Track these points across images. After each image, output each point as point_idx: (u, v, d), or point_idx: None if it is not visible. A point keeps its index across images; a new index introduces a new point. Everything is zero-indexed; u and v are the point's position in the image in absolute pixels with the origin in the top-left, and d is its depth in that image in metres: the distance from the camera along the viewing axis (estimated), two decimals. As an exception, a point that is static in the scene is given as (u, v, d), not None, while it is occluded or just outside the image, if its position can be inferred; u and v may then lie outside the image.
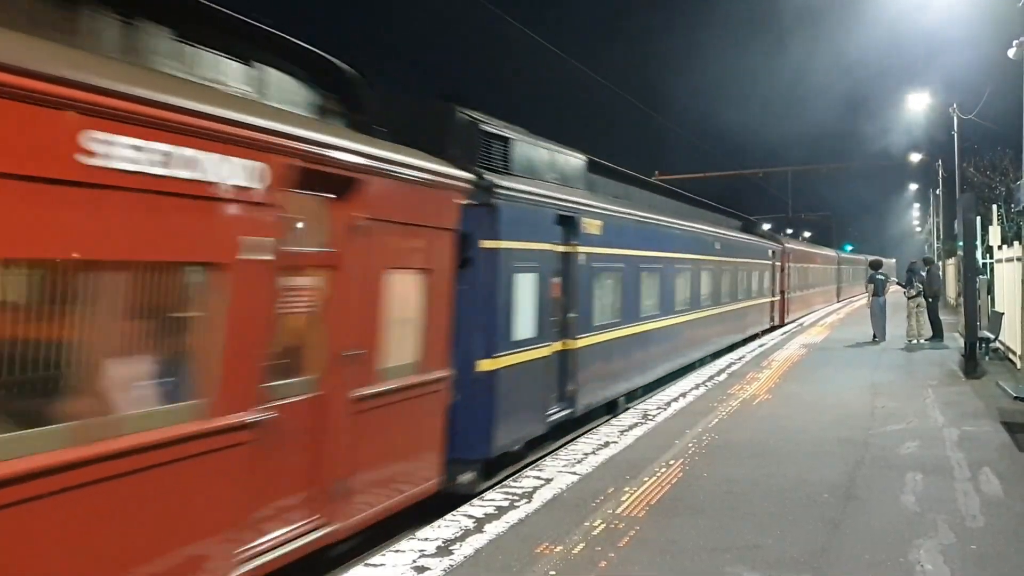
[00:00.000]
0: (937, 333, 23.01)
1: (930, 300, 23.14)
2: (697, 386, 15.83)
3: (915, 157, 52.59)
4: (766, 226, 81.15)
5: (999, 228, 21.24)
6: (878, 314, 23.58)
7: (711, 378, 16.97)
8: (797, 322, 33.46)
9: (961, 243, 20.33)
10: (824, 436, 11.02)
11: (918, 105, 37.96)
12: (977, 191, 35.95)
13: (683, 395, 14.73)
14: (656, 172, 41.13)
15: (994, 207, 23.01)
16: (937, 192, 53.05)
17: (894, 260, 70.94)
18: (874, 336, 23.36)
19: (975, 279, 18.41)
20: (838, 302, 48.45)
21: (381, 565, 6.29)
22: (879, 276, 24.16)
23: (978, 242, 19.93)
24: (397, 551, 6.62)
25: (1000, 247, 19.91)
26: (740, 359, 20.45)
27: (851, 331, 27.25)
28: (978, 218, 19.71)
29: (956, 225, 23.98)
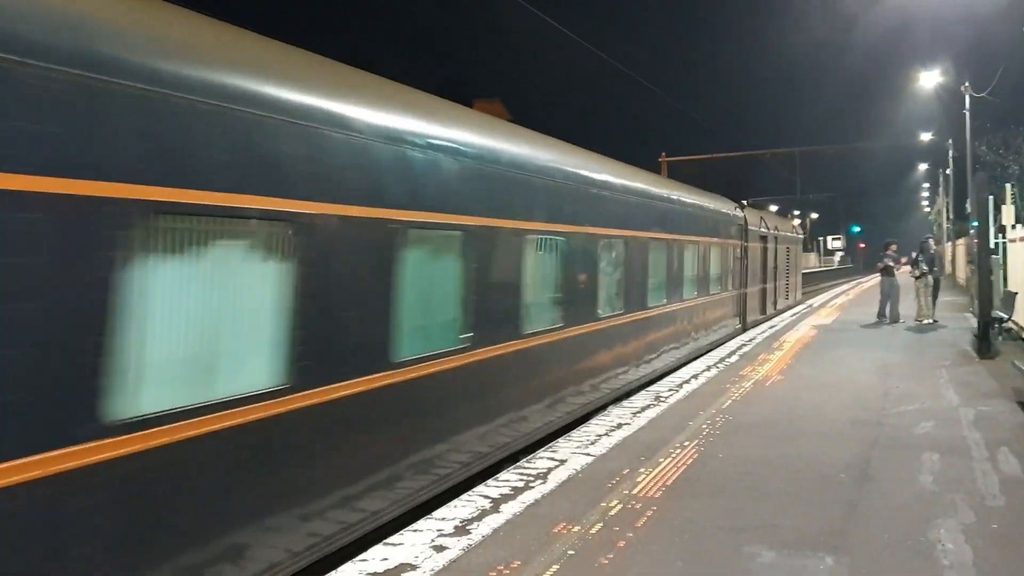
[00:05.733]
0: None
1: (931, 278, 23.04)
2: (709, 368, 15.79)
3: (925, 136, 52.27)
4: (772, 208, 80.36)
5: (1012, 207, 21.09)
6: (888, 294, 23.54)
7: (722, 360, 16.93)
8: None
9: (975, 223, 20.20)
10: (838, 416, 10.98)
11: (929, 83, 37.70)
12: (989, 170, 35.69)
13: (695, 377, 14.69)
14: (663, 154, 40.90)
15: (1007, 186, 22.84)
16: (947, 172, 52.74)
17: (901, 241, 70.53)
18: (879, 314, 23.47)
19: (989, 259, 18.30)
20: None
21: (400, 544, 6.29)
22: (888, 256, 24.08)
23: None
24: (415, 530, 6.62)
25: (1013, 226, 19.77)
26: (751, 340, 20.40)
27: (861, 312, 27.15)
28: (991, 198, 19.58)
29: (968, 205, 23.82)
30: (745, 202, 25.87)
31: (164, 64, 4.75)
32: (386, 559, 5.98)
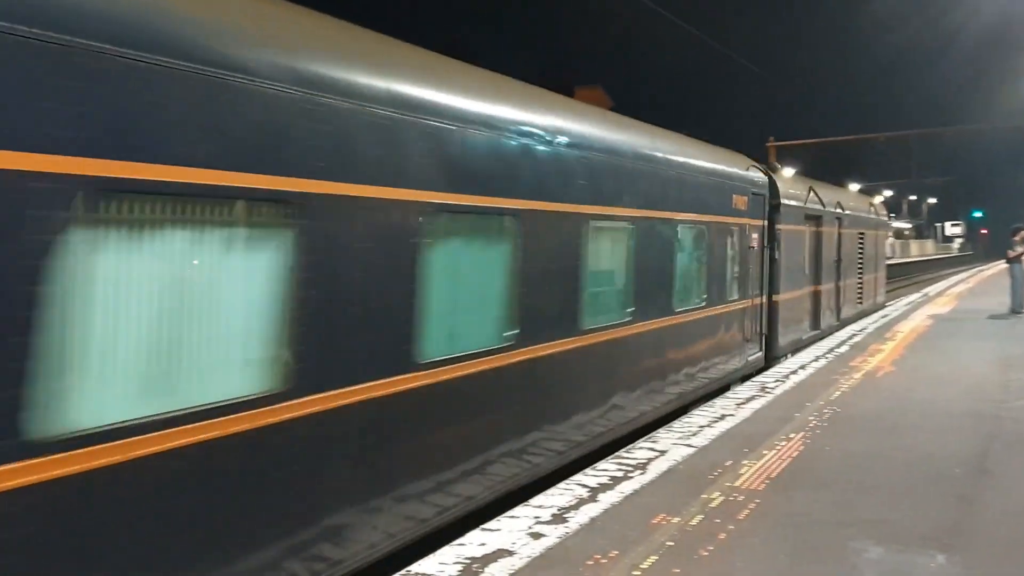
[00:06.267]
0: None
1: None
2: (817, 358, 15.36)
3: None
4: (887, 192, 76.75)
5: None
6: (1020, 280, 22.13)
7: (832, 350, 16.44)
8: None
9: None
10: (953, 409, 10.53)
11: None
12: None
13: (802, 367, 14.31)
14: (771, 138, 39.86)
15: None
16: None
17: None
18: (1013, 308, 22.06)
19: None
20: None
21: (497, 530, 6.33)
22: (1018, 243, 22.75)
23: None
24: (512, 517, 6.65)
25: None
26: (862, 331, 19.74)
27: (980, 301, 25.94)
28: None
29: None
30: (778, 165, 19.05)
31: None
32: (483, 544, 6.02)
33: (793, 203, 16.60)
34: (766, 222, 15.02)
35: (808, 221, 17.82)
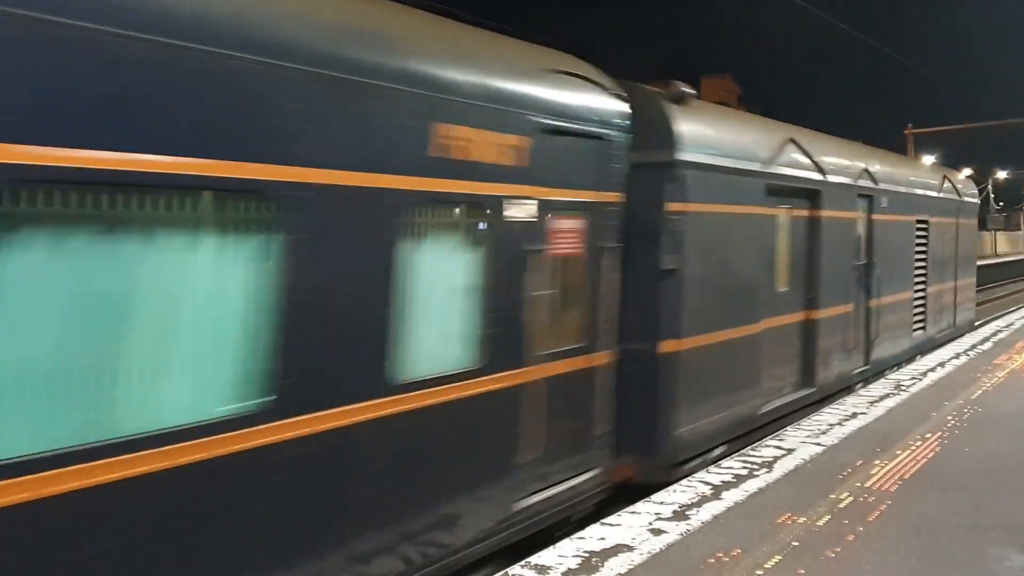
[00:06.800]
0: None
1: None
2: (958, 355, 14.65)
3: None
4: (1001, 173, 71.54)
5: None
6: None
7: (974, 347, 15.65)
8: None
9: None
10: (1110, 411, 9.88)
11: None
12: None
13: (941, 365, 13.68)
14: (909, 125, 38.17)
15: None
16: None
17: None
18: None
19: None
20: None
21: (617, 525, 6.34)
22: None
23: None
24: (633, 512, 6.64)
25: None
26: (1008, 326, 18.70)
27: None
28: None
29: None
30: (686, 89, 8.39)
31: None
32: (603, 539, 6.04)
33: (719, 161, 8.76)
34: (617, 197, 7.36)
35: (780, 198, 10.22)
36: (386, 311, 5.07)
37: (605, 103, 7.27)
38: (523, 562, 5.68)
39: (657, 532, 6.20)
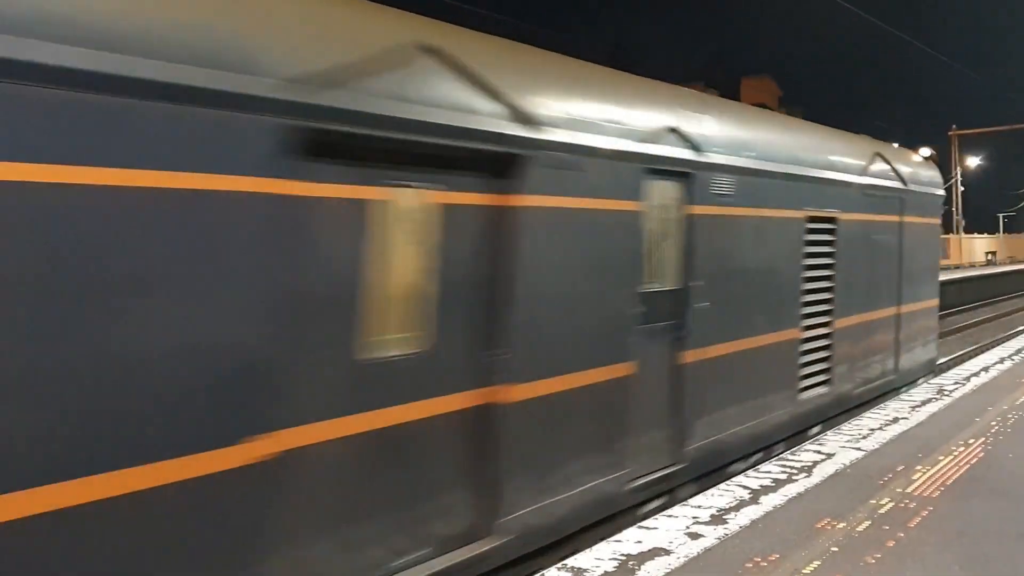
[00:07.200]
0: None
1: None
2: (1002, 360, 14.41)
3: None
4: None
5: None
6: None
7: (1019, 351, 15.38)
8: None
9: None
10: None
11: None
12: None
13: (985, 370, 13.47)
14: (952, 126, 37.62)
15: None
16: None
17: None
18: None
19: None
20: None
21: (655, 528, 6.33)
22: None
23: None
24: (670, 516, 6.63)
25: None
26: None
27: None
28: None
29: None
30: None
31: None
32: (640, 542, 6.04)
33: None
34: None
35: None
36: None
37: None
38: (560, 564, 5.70)
39: (694, 536, 6.18)
